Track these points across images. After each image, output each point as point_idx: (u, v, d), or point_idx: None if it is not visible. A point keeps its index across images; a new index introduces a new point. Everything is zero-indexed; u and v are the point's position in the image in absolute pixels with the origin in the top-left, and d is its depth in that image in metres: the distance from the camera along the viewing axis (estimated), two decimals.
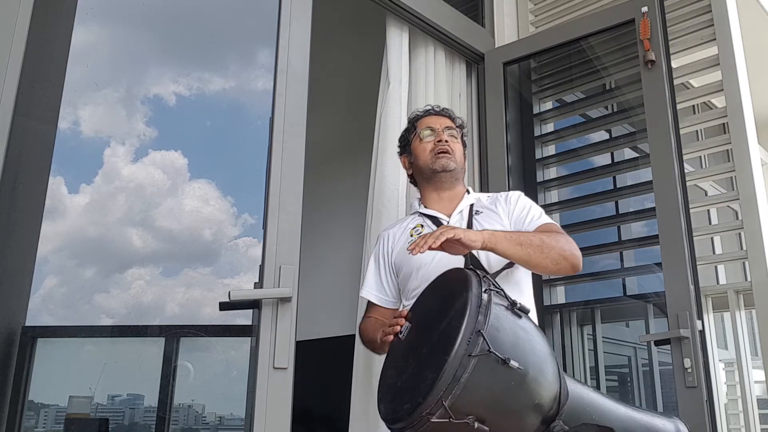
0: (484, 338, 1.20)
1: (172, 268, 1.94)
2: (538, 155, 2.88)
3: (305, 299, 1.91)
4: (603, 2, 2.87)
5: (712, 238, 2.86)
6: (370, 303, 1.93)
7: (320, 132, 2.47)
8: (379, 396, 1.41)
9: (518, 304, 1.33)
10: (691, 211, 2.29)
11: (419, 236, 1.59)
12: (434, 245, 1.50)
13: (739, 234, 2.42)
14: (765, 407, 2.87)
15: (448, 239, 1.52)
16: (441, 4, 2.77)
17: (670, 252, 2.23)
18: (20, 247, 1.63)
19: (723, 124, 2.50)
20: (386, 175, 2.46)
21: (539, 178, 2.84)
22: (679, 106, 2.44)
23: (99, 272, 1.87)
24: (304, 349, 1.97)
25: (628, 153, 2.79)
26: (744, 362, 2.56)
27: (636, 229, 2.72)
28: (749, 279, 2.30)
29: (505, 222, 1.83)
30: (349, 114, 3.78)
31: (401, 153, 2.03)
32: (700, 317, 2.15)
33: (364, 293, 1.93)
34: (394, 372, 1.43)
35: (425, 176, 1.93)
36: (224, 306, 1.81)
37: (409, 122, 2.05)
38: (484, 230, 1.65)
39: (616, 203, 2.80)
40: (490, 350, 1.20)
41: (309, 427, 3.31)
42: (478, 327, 1.22)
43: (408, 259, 1.79)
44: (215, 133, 2.13)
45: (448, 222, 1.87)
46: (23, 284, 1.62)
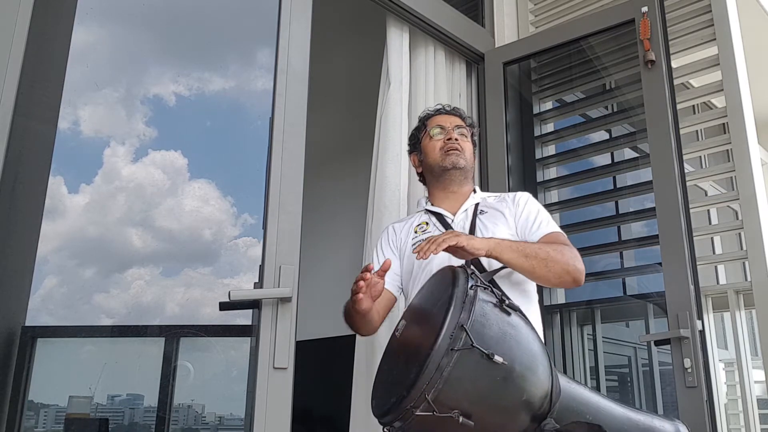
0: (467, 333, 1.21)
1: (172, 268, 1.94)
2: (538, 155, 2.88)
3: (305, 299, 1.91)
4: (603, 2, 2.87)
5: (712, 238, 2.86)
6: None
7: (320, 132, 2.46)
8: (373, 392, 1.42)
9: (507, 301, 1.33)
10: (691, 211, 2.29)
11: (426, 239, 1.59)
12: (436, 252, 1.52)
13: (739, 234, 2.42)
14: (765, 407, 2.87)
15: (451, 246, 1.53)
16: (441, 4, 2.77)
17: (670, 252, 2.23)
18: (20, 247, 1.63)
19: (723, 124, 2.49)
20: (387, 176, 2.46)
21: (539, 178, 2.84)
22: (679, 106, 2.44)
23: (99, 272, 1.87)
24: (304, 349, 1.97)
25: (628, 153, 2.79)
26: (744, 362, 2.56)
27: (636, 229, 2.72)
28: (749, 279, 2.30)
29: (511, 223, 1.82)
30: (349, 114, 3.78)
31: (411, 151, 2.04)
32: (700, 317, 2.15)
33: None
34: (387, 368, 1.44)
35: (435, 174, 1.93)
36: (224, 306, 1.81)
37: (420, 121, 2.05)
38: (491, 238, 1.65)
39: (616, 203, 2.80)
40: (474, 345, 1.20)
41: (309, 427, 3.31)
42: (462, 322, 1.22)
43: (412, 258, 1.79)
44: (215, 133, 2.13)
45: (453, 220, 1.87)
46: (23, 284, 1.62)
